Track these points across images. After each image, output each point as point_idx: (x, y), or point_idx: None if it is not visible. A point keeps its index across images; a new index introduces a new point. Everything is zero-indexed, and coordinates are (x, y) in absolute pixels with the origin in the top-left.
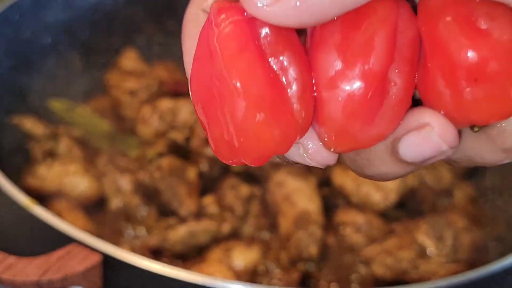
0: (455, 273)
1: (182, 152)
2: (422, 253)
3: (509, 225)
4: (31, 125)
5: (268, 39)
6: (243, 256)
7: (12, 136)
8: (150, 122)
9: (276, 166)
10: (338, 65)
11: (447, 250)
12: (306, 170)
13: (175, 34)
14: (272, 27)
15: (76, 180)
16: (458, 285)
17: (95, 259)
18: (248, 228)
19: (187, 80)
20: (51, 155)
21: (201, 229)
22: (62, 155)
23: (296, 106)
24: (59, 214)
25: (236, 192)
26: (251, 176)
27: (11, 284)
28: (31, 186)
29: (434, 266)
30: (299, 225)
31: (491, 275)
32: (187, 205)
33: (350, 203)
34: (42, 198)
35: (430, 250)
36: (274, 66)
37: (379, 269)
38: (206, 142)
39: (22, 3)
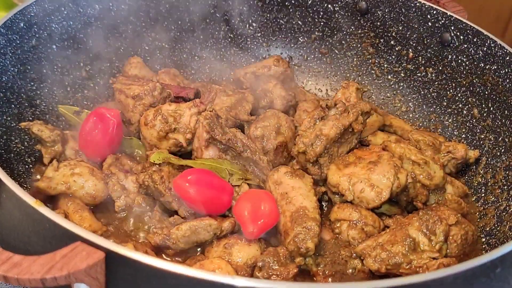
0: (447, 266)
1: (184, 153)
2: (415, 248)
3: (500, 220)
4: (38, 129)
5: None
6: (243, 253)
7: (20, 140)
8: (153, 125)
9: (274, 167)
10: None
11: (439, 245)
12: (303, 170)
13: (177, 41)
14: None
15: (82, 181)
16: (448, 278)
17: (98, 256)
18: None
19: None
20: (58, 157)
21: (202, 226)
22: (69, 158)
23: None
24: (66, 214)
25: (237, 191)
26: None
27: (16, 282)
28: (39, 187)
29: (427, 260)
30: (297, 221)
31: (480, 268)
32: (186, 206)
33: (345, 201)
34: (50, 199)
35: (423, 245)
36: None
37: (374, 264)
38: (207, 143)
39: (28, 11)
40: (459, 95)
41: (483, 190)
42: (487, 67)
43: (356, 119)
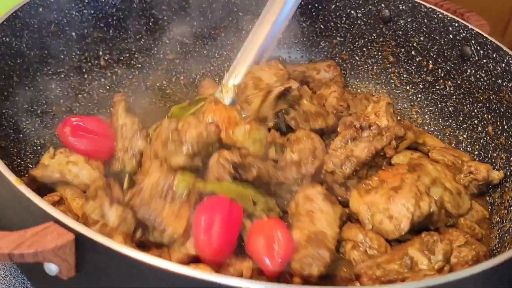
0: None
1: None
2: (412, 267)
3: (501, 241)
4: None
5: None
6: None
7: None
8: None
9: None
10: None
11: (438, 265)
12: (328, 190)
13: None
14: None
15: (76, 170)
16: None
17: (67, 238)
18: None
19: None
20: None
21: None
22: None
23: None
24: (63, 199)
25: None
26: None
27: None
28: (34, 176)
29: (421, 278)
30: (312, 243)
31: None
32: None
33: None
34: (46, 186)
35: (421, 264)
36: None
37: (368, 282)
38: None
39: (24, 12)
40: (475, 111)
41: (488, 209)
42: (504, 84)
43: (389, 143)
